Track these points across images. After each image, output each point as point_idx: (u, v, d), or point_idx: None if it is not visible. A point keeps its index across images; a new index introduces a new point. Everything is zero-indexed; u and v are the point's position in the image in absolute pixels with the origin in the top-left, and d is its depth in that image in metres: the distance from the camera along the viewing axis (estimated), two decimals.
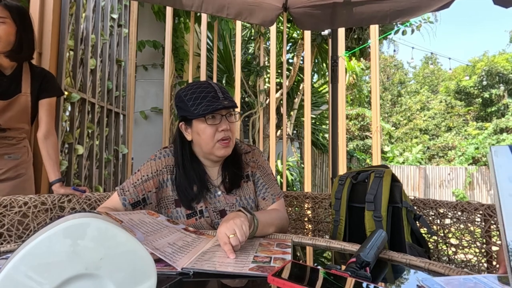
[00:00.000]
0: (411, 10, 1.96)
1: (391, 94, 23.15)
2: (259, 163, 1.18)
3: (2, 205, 1.13)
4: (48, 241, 0.36)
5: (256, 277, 0.64)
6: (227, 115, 1.05)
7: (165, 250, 0.71)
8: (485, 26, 66.05)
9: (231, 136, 1.05)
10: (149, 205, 1.07)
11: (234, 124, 1.08)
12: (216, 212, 1.09)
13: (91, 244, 0.38)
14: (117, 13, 2.87)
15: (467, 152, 13.27)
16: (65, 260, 0.37)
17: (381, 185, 1.12)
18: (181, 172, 1.08)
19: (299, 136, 7.01)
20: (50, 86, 1.58)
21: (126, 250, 0.40)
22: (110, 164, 2.75)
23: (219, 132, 1.03)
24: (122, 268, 0.40)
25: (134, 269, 0.41)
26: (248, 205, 1.13)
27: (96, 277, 0.38)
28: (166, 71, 3.44)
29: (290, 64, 5.78)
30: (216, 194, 1.10)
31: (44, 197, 1.25)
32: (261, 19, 2.24)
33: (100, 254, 0.38)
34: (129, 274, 0.40)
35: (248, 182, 1.15)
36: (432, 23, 6.21)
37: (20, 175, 1.57)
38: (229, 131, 1.04)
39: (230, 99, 1.05)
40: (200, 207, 1.07)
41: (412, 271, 0.73)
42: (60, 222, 0.38)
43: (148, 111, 3.96)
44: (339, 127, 2.71)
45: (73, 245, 0.37)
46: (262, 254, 0.76)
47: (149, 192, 1.06)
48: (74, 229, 0.37)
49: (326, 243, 0.91)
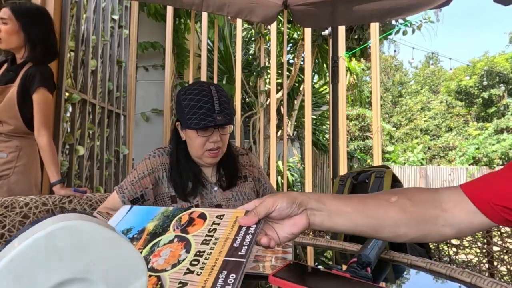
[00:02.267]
0: (411, 7, 1.96)
1: (391, 94, 23.14)
2: (260, 169, 1.23)
3: (3, 205, 1.14)
4: (31, 248, 0.33)
5: (257, 277, 0.64)
6: (220, 128, 1.06)
7: None
8: (485, 28, 66.14)
9: (221, 146, 1.08)
10: (147, 202, 1.09)
11: (226, 136, 1.10)
12: (212, 206, 1.12)
13: (78, 247, 0.36)
14: (117, 14, 2.88)
15: (468, 152, 13.26)
16: (50, 267, 0.34)
17: (382, 185, 1.12)
18: (176, 168, 1.10)
19: (299, 137, 7.00)
20: (37, 78, 1.46)
21: (115, 250, 0.38)
22: (110, 164, 2.76)
23: (209, 143, 1.05)
24: (114, 269, 0.39)
25: (126, 268, 0.40)
26: (244, 200, 1.15)
27: (87, 280, 0.37)
28: (166, 72, 3.45)
29: (290, 64, 5.78)
30: (212, 190, 1.13)
31: (45, 197, 1.25)
32: (261, 17, 2.25)
33: (90, 257, 0.37)
34: (121, 275, 0.39)
35: (245, 182, 1.18)
36: (433, 23, 6.21)
37: (3, 177, 1.48)
38: (219, 142, 1.06)
39: (226, 112, 1.04)
40: (196, 201, 1.10)
41: (414, 271, 0.73)
42: (42, 226, 0.35)
43: (148, 112, 3.96)
44: (339, 127, 2.71)
45: (58, 250, 0.34)
46: (263, 254, 0.76)
47: (146, 189, 1.08)
48: (58, 233, 0.35)
49: (327, 243, 0.91)
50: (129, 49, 3.10)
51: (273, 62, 3.44)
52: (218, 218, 0.56)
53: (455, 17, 62.90)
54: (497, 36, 61.23)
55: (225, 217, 0.56)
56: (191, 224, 0.57)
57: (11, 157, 1.50)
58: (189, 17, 3.74)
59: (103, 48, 2.65)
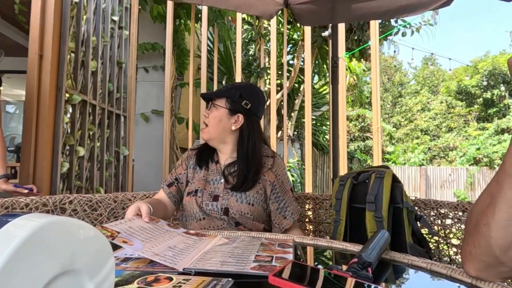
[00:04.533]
0: (412, 7, 1.96)
1: (391, 95, 23.14)
2: (278, 176, 1.22)
3: (3, 206, 1.14)
4: (15, 261, 0.31)
5: (258, 277, 0.64)
6: (210, 105, 1.23)
7: (165, 254, 0.71)
8: (485, 27, 66.11)
9: (207, 123, 1.22)
10: (181, 184, 1.26)
11: (212, 113, 1.21)
12: (211, 196, 1.17)
13: (60, 242, 0.36)
14: (117, 15, 2.88)
15: (468, 153, 13.25)
16: (44, 263, 0.35)
17: (382, 186, 1.12)
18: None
19: (299, 137, 7.00)
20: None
21: (88, 237, 0.40)
22: (111, 165, 2.76)
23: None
24: (89, 255, 0.40)
25: (97, 253, 0.41)
26: (241, 201, 1.16)
27: (72, 272, 0.38)
28: (166, 73, 3.45)
29: (290, 65, 5.78)
30: (219, 181, 1.19)
31: (45, 198, 1.25)
32: (260, 11, 2.26)
33: (72, 247, 0.38)
34: (95, 259, 0.41)
35: (258, 186, 1.18)
36: (432, 26, 6.21)
37: None
38: (207, 118, 1.22)
39: (219, 91, 1.24)
40: (198, 186, 1.19)
41: (414, 271, 0.73)
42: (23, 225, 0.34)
43: (148, 112, 3.96)
44: (339, 128, 2.71)
45: (50, 246, 0.35)
46: (263, 254, 0.76)
47: (179, 174, 1.27)
48: (48, 230, 0.35)
49: (327, 243, 0.91)
50: (129, 50, 3.10)
51: (273, 63, 3.44)
52: (185, 280, 0.59)
53: (455, 16, 62.88)
54: (498, 36, 61.19)
55: (192, 281, 0.58)
56: (157, 281, 0.59)
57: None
58: (189, 17, 3.74)
59: (103, 49, 2.65)
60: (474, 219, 0.59)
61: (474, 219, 0.59)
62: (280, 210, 1.19)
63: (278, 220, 1.19)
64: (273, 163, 1.23)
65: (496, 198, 0.54)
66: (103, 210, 1.36)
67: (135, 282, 0.58)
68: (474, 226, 0.58)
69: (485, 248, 0.56)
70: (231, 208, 1.14)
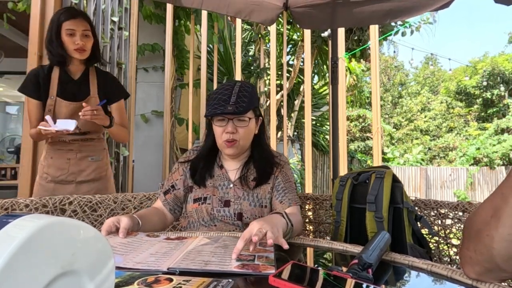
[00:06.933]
0: (411, 9, 1.96)
1: (391, 95, 23.14)
2: (284, 170, 1.23)
3: (3, 207, 1.14)
4: (25, 250, 0.32)
5: (258, 277, 0.64)
6: (235, 120, 1.11)
7: (147, 261, 0.71)
8: (484, 28, 66.14)
9: (237, 138, 1.12)
10: (177, 191, 1.20)
11: (243, 128, 1.12)
12: (222, 201, 1.15)
13: (60, 243, 0.37)
14: (117, 16, 2.88)
15: (468, 153, 13.24)
16: (45, 264, 0.35)
17: (382, 186, 1.11)
18: (198, 154, 1.22)
19: (299, 138, 7.00)
20: (116, 91, 1.75)
21: (88, 238, 0.40)
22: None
23: (226, 133, 1.11)
24: (89, 256, 0.40)
25: (97, 253, 0.41)
26: (253, 203, 1.15)
27: (72, 272, 0.38)
28: (166, 74, 3.45)
29: (290, 66, 5.79)
30: (228, 186, 1.17)
31: (45, 199, 1.25)
32: (261, 18, 2.25)
33: (72, 248, 0.38)
34: (95, 260, 0.41)
35: (267, 184, 1.18)
36: (432, 24, 6.20)
37: (102, 177, 1.73)
38: (235, 134, 1.11)
39: (241, 104, 1.08)
40: (207, 193, 1.15)
41: (415, 273, 0.72)
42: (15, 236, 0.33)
43: (148, 113, 3.96)
44: (339, 128, 2.71)
45: (51, 246, 0.35)
46: (245, 253, 0.76)
47: (176, 180, 1.21)
48: (48, 231, 0.35)
49: (328, 244, 0.91)
50: (129, 51, 3.10)
51: (273, 63, 3.44)
52: (185, 281, 0.59)
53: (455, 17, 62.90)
54: (496, 37, 61.22)
55: (192, 282, 0.58)
56: (157, 282, 0.59)
57: (104, 159, 1.86)
58: (189, 18, 3.74)
59: (103, 50, 2.65)
60: (476, 227, 0.59)
61: (475, 227, 0.59)
62: (278, 196, 1.17)
63: (274, 206, 1.17)
64: (279, 160, 1.24)
65: (501, 212, 0.54)
66: (103, 211, 1.36)
67: (135, 283, 0.58)
68: (476, 234, 0.58)
69: (487, 256, 0.56)
70: (245, 213, 1.13)
